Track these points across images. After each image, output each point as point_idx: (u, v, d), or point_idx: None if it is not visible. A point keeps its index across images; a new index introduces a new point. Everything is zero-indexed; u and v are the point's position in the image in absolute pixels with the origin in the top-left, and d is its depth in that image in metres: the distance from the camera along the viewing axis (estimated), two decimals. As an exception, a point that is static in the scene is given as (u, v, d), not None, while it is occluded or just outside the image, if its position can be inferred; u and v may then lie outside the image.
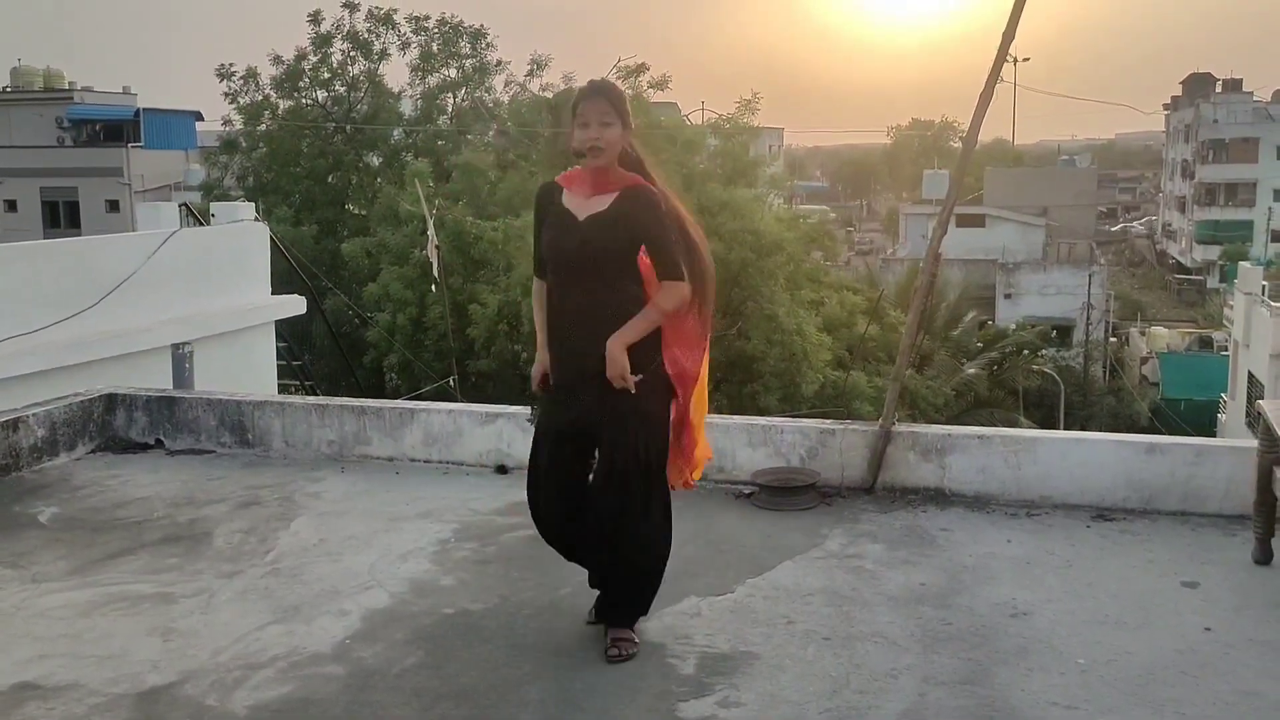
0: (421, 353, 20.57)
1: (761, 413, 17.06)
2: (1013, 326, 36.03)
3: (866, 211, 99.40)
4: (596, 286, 3.66)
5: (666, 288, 3.66)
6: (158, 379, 9.63)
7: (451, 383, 17.19)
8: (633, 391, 3.62)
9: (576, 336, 3.68)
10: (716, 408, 19.26)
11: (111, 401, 6.67)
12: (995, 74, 5.21)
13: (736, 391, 20.27)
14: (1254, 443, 4.79)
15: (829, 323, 22.28)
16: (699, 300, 3.76)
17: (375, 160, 30.14)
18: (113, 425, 6.66)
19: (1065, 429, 26.79)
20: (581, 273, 3.67)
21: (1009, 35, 5.14)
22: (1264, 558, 4.50)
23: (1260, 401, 4.81)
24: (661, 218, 3.66)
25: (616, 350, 3.59)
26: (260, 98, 30.03)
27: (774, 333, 19.55)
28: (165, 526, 5.18)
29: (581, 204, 3.73)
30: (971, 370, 28.46)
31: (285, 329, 13.88)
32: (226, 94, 29.83)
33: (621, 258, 3.68)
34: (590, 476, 3.86)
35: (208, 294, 11.23)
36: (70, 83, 49.31)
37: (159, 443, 6.59)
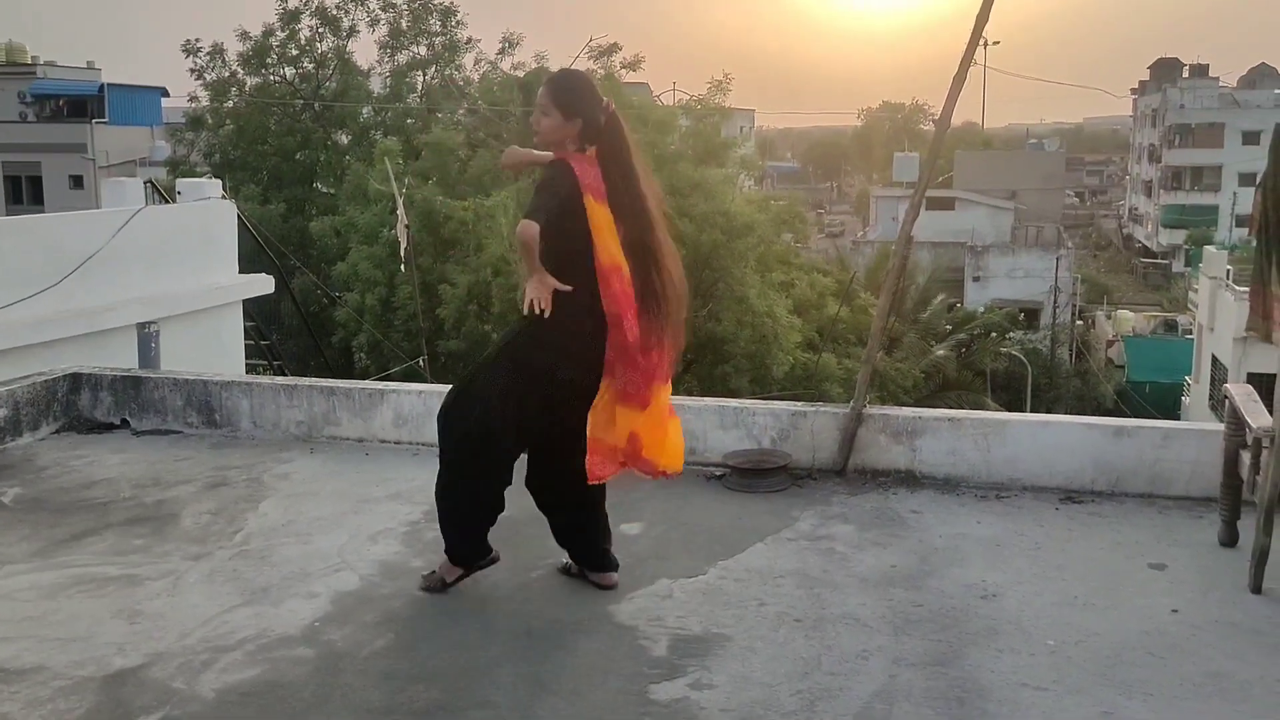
0: (391, 333, 20.44)
1: (732, 394, 17.08)
2: (981, 309, 36.28)
3: (837, 193, 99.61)
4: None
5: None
6: (123, 358, 9.50)
7: (421, 363, 17.10)
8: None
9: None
10: (687, 389, 19.34)
11: (76, 381, 6.58)
12: (969, 56, 5.21)
13: (707, 373, 20.29)
14: (1220, 426, 4.83)
15: (799, 305, 22.34)
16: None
17: (344, 138, 29.89)
18: (77, 405, 6.57)
19: (1032, 411, 27.03)
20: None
21: (983, 17, 5.14)
22: (1230, 540, 4.55)
23: (1227, 385, 4.85)
24: (541, 179, 3.91)
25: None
26: (227, 74, 29.70)
27: (744, 314, 19.58)
28: (131, 508, 5.13)
29: None
30: (940, 352, 28.64)
31: (253, 308, 13.75)
32: (193, 70, 29.52)
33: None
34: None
35: (174, 272, 11.10)
36: (33, 57, 48.55)
37: (124, 423, 6.51)
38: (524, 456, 4.12)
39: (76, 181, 40.97)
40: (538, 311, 3.75)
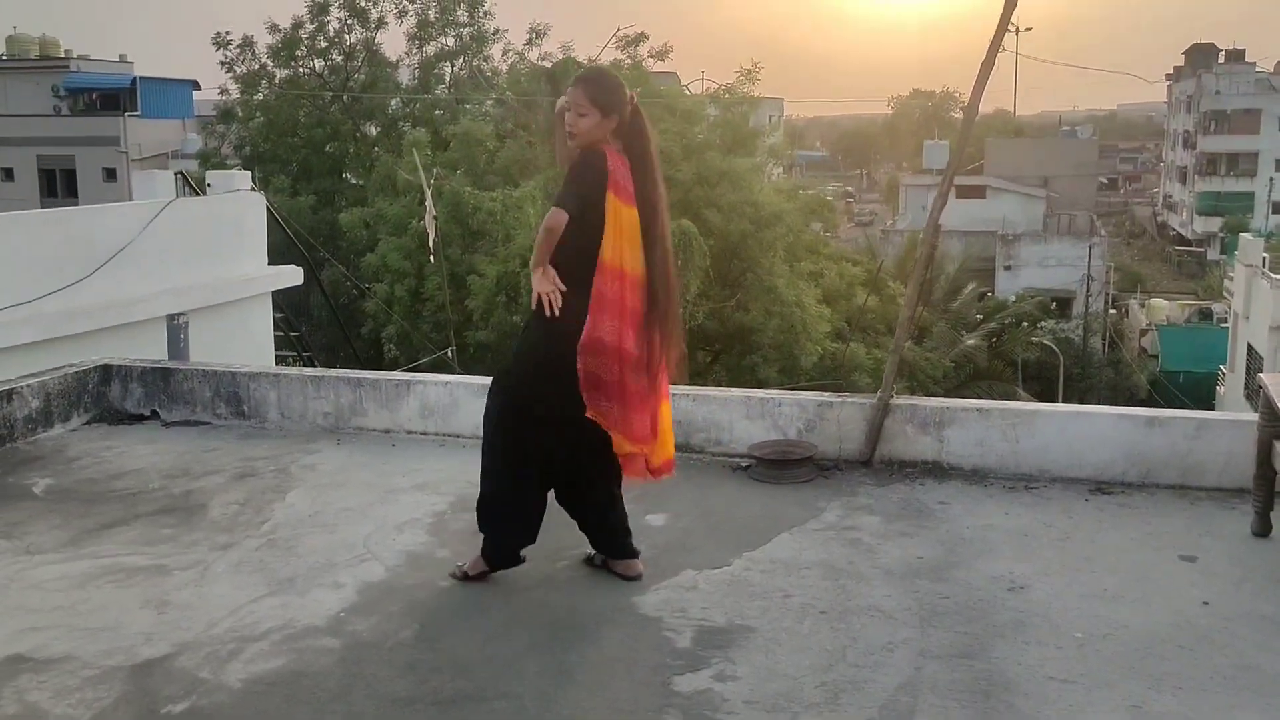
0: (419, 324, 20.50)
1: (760, 384, 17.05)
2: (1012, 298, 36.02)
3: (866, 182, 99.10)
4: None
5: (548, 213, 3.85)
6: (153, 350, 9.57)
7: (449, 354, 17.15)
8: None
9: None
10: (715, 380, 19.30)
11: (106, 373, 6.63)
12: (997, 43, 5.15)
13: (735, 363, 20.24)
14: (1253, 416, 4.77)
15: (828, 294, 22.24)
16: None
17: (373, 130, 29.97)
18: (108, 396, 6.63)
19: (1064, 401, 26.84)
20: None
21: (1011, 4, 5.08)
22: (1263, 531, 4.49)
23: (1261, 375, 4.78)
24: (577, 169, 3.90)
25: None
26: (257, 66, 29.85)
27: (773, 304, 19.50)
28: (160, 498, 5.17)
29: None
30: (971, 342, 28.45)
31: (282, 300, 13.83)
32: (223, 63, 29.67)
33: None
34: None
35: (204, 264, 11.17)
36: (66, 51, 48.96)
37: (154, 414, 6.56)
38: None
39: (110, 174, 41.30)
40: (548, 312, 3.78)
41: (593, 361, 3.86)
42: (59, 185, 41.57)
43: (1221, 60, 74.04)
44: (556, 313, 3.79)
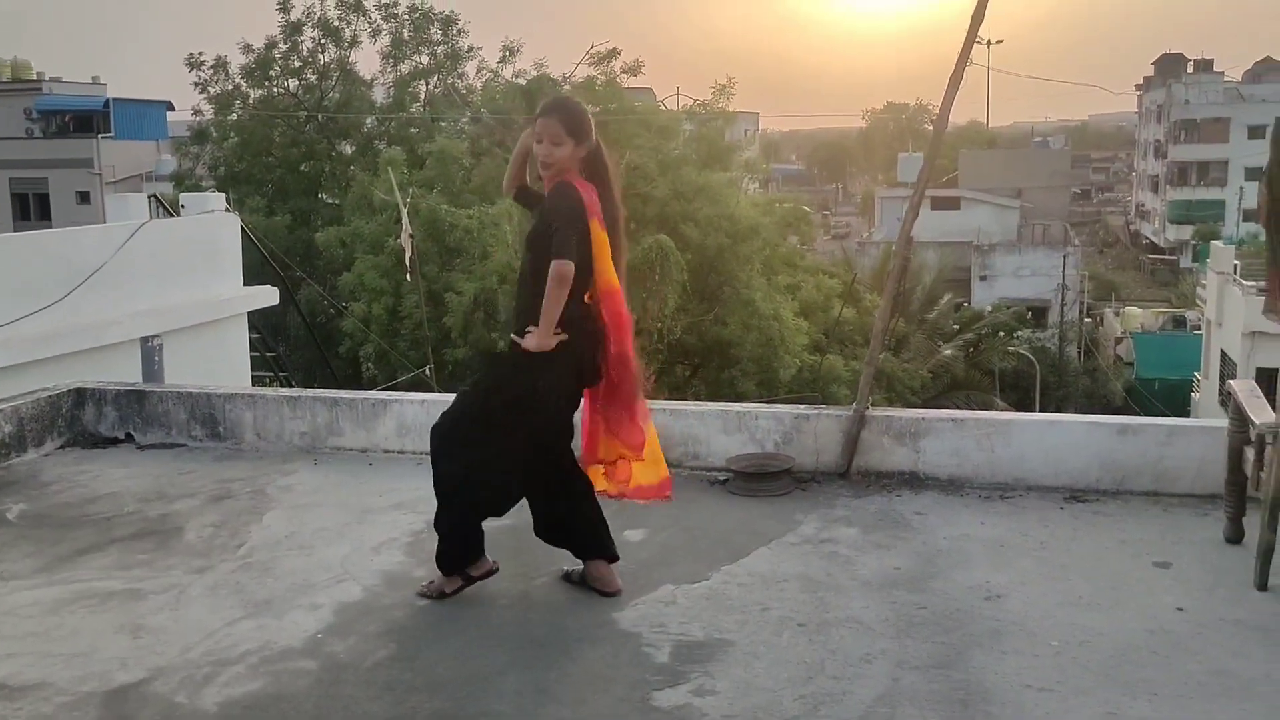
0: (397, 342, 20.43)
1: (739, 398, 17.07)
2: (988, 308, 36.18)
3: (842, 195, 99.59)
4: (528, 265, 4.02)
5: (553, 265, 3.84)
6: (127, 372, 9.53)
7: (428, 372, 17.10)
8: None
9: (518, 308, 4.09)
10: (694, 394, 19.31)
11: (80, 396, 6.59)
12: (965, 55, 5.20)
13: (714, 377, 20.24)
14: (1225, 422, 4.81)
15: (805, 307, 22.28)
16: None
17: (348, 149, 29.91)
18: (81, 420, 6.58)
19: (1041, 409, 26.98)
20: (527, 253, 4.04)
21: (978, 17, 5.14)
22: (1235, 537, 4.53)
23: (1230, 381, 4.83)
24: (559, 206, 3.92)
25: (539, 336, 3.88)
26: (231, 87, 29.75)
27: (751, 318, 19.52)
28: (135, 522, 5.13)
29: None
30: (948, 352, 28.56)
31: (259, 320, 13.79)
32: (196, 83, 29.56)
33: (544, 241, 3.92)
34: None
35: (178, 286, 11.13)
36: (38, 73, 48.74)
37: (129, 437, 6.52)
38: None
39: (83, 197, 40.98)
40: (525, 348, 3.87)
41: (623, 375, 4.02)
42: (32, 208, 41.26)
43: (1190, 70, 74.82)
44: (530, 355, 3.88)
